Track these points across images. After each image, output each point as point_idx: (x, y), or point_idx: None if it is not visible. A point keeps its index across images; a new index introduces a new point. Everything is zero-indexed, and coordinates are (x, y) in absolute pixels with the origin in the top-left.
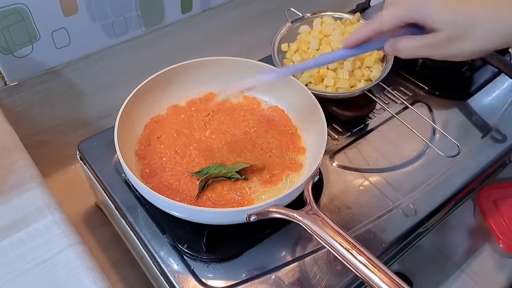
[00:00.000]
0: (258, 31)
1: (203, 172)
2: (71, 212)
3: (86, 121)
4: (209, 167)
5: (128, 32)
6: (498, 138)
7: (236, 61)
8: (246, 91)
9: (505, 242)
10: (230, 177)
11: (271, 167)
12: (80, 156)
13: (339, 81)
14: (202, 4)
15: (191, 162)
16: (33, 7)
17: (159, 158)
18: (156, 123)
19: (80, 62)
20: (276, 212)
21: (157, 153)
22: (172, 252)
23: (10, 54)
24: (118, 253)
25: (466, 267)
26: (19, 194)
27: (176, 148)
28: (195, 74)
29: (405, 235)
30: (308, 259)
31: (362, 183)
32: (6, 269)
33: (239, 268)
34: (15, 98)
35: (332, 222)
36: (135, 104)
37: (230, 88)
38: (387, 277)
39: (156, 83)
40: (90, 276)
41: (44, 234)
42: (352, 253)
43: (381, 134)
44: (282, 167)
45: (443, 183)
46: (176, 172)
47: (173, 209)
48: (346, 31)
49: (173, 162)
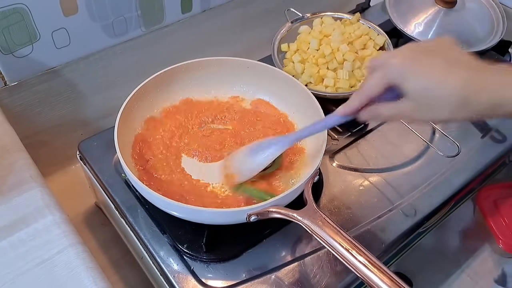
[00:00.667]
0: (258, 31)
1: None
2: (71, 212)
3: (86, 121)
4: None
5: (128, 32)
6: (498, 138)
7: (236, 61)
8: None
9: (505, 242)
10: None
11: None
12: (80, 156)
13: (339, 81)
14: (202, 4)
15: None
16: (33, 7)
17: (159, 157)
18: (156, 123)
19: (80, 62)
20: (276, 212)
21: (157, 153)
22: (172, 252)
23: (10, 54)
24: (118, 253)
25: (466, 267)
26: (19, 194)
27: (177, 148)
28: (195, 74)
29: (405, 235)
30: (308, 259)
31: (362, 183)
32: (6, 269)
33: (239, 268)
34: (15, 98)
35: (332, 222)
36: (135, 104)
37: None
38: (387, 277)
39: (156, 83)
40: (90, 276)
41: (44, 234)
42: (352, 253)
43: (381, 134)
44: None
45: (443, 183)
46: (176, 171)
47: (173, 209)
48: (346, 31)
49: (173, 162)
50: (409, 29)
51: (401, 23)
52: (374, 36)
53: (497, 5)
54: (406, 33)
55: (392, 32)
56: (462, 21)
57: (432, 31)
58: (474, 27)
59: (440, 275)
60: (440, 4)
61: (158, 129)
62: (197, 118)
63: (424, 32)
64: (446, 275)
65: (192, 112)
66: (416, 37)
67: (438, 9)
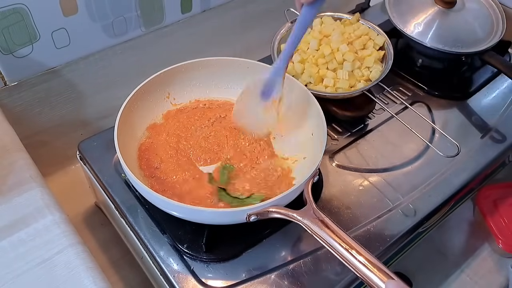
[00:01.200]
0: (258, 31)
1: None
2: (71, 212)
3: (86, 121)
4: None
5: (128, 32)
6: (498, 138)
7: (236, 61)
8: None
9: (505, 242)
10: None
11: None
12: (80, 156)
13: (339, 81)
14: (202, 4)
15: (191, 161)
16: (33, 7)
17: (159, 158)
18: (156, 123)
19: (80, 62)
20: (276, 212)
21: (157, 153)
22: (172, 252)
23: (10, 54)
24: (118, 253)
25: (465, 267)
26: (19, 194)
27: (176, 148)
28: (195, 74)
29: (405, 235)
30: (308, 259)
31: (361, 183)
32: (6, 269)
33: (239, 268)
34: (15, 98)
35: (332, 222)
36: (135, 104)
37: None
38: (387, 277)
39: (156, 83)
40: (90, 276)
41: (44, 234)
42: (351, 253)
43: (380, 134)
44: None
45: (443, 183)
46: (177, 172)
47: (173, 209)
48: (345, 31)
49: (173, 162)
50: (408, 29)
51: (400, 23)
52: (374, 36)
53: (497, 5)
54: (405, 33)
55: (392, 32)
56: (462, 21)
57: (432, 31)
58: (474, 27)
59: (440, 275)
60: (439, 4)
61: (158, 129)
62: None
63: (424, 32)
64: (446, 275)
65: (193, 113)
66: (415, 37)
67: (438, 9)
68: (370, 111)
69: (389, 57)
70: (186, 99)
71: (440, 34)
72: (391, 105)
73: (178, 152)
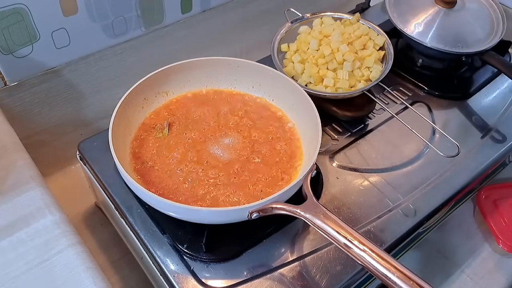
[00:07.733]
0: (258, 31)
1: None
2: (71, 212)
3: (86, 121)
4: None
5: (128, 32)
6: (498, 139)
7: (233, 61)
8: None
9: (505, 242)
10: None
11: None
12: (80, 156)
13: (339, 81)
14: (202, 4)
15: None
16: (33, 7)
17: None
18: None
19: (80, 62)
20: (277, 208)
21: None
22: (172, 252)
23: (10, 54)
24: (118, 253)
25: (466, 268)
26: (19, 194)
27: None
28: (190, 74)
29: (405, 235)
30: (308, 259)
31: (362, 183)
32: (6, 269)
33: (239, 268)
34: (15, 98)
35: (333, 215)
36: (129, 105)
37: None
38: (392, 266)
39: (149, 84)
40: (90, 276)
41: (43, 234)
42: (354, 244)
43: (380, 134)
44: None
45: (443, 183)
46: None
47: (169, 210)
48: (345, 31)
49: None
50: (409, 29)
51: (401, 23)
52: (374, 36)
53: (497, 5)
54: (406, 33)
55: (392, 32)
56: (462, 21)
57: (432, 31)
58: (474, 27)
59: (440, 275)
60: (440, 4)
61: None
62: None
63: (424, 32)
64: (446, 275)
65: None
66: (416, 37)
67: (438, 9)
68: (370, 111)
69: (389, 57)
70: (182, 99)
71: (440, 34)
72: (391, 105)
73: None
